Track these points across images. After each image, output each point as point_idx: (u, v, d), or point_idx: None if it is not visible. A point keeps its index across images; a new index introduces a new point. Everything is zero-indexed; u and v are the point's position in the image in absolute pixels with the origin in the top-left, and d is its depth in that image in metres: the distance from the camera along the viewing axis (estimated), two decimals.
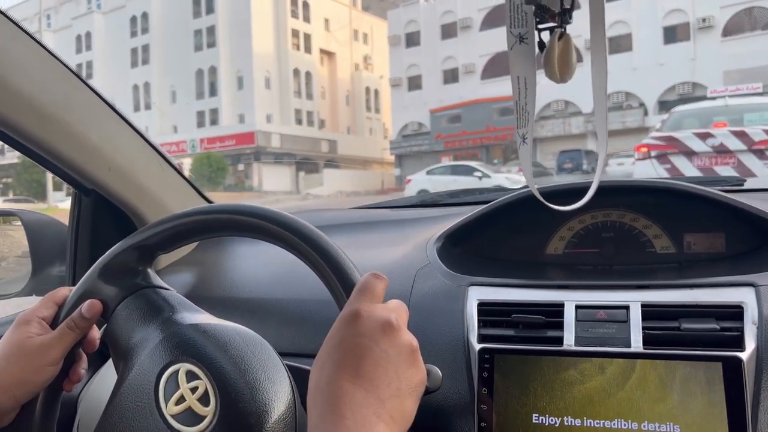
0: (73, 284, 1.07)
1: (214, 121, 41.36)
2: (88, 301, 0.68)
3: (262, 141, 37.46)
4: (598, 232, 1.01)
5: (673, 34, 29.24)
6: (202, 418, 0.59)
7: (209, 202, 1.23)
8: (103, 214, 1.08)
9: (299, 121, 42.87)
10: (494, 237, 1.05)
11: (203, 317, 0.67)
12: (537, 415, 0.76)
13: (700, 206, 0.95)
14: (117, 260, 0.69)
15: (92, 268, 0.69)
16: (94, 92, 0.95)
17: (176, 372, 0.61)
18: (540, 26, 0.62)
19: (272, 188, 35.24)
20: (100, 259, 0.70)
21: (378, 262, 1.03)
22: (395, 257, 1.04)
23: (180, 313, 0.67)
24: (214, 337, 0.63)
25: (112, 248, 0.70)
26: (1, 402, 0.63)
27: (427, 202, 1.51)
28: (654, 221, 0.99)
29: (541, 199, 0.74)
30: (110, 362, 0.86)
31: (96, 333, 0.71)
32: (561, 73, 0.63)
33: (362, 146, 44.64)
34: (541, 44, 0.64)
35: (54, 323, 0.68)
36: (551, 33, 0.63)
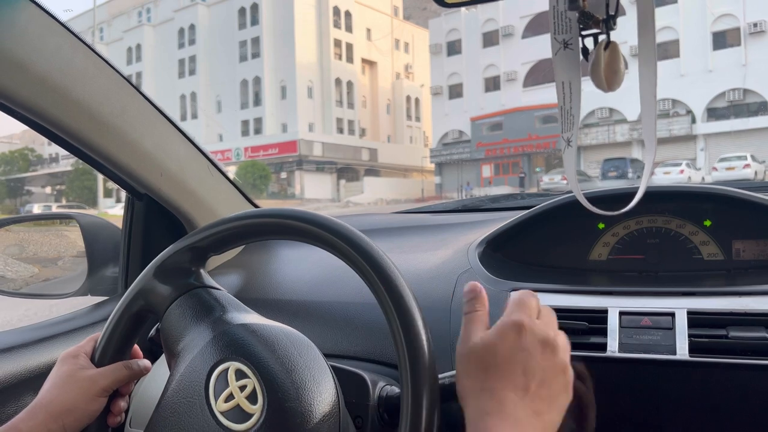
0: (126, 285, 1.10)
1: (257, 130, 42.06)
2: (144, 360, 0.74)
3: (305, 149, 37.90)
4: (643, 239, 0.99)
5: (722, 40, 28.39)
6: (249, 416, 0.60)
7: (256, 206, 1.25)
8: (154, 218, 1.11)
9: (341, 130, 43.20)
10: (536, 243, 1.04)
11: (252, 317, 0.69)
12: (580, 419, 0.75)
13: (749, 212, 0.92)
14: (171, 260, 0.71)
15: (148, 267, 0.72)
16: (148, 101, 0.98)
17: (226, 370, 0.62)
18: (584, 32, 0.62)
19: (314, 196, 35.62)
20: (156, 259, 0.72)
21: (419, 266, 1.03)
22: (436, 262, 1.04)
23: (230, 312, 0.68)
24: (262, 337, 0.64)
25: (166, 249, 0.72)
26: (51, 429, 0.65)
27: (469, 206, 1.50)
28: (701, 228, 0.96)
29: (586, 203, 0.73)
30: (162, 359, 0.88)
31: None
32: (608, 81, 0.62)
33: (402, 154, 44.68)
34: (585, 50, 0.63)
35: (92, 356, 0.72)
36: (595, 40, 0.62)
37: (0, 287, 1.14)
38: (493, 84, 36.39)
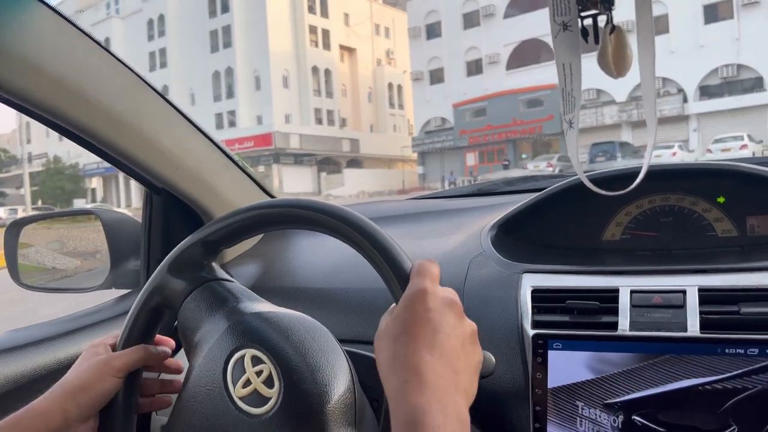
0: (147, 277, 1.10)
1: (232, 123, 40.90)
2: (163, 347, 0.76)
3: (281, 142, 36.67)
4: (656, 217, 1.00)
5: (714, 13, 27.17)
6: (267, 400, 0.63)
7: (271, 195, 1.27)
8: (173, 211, 1.14)
9: (319, 121, 42.01)
10: (550, 224, 1.05)
11: (264, 306, 0.72)
12: (591, 400, 0.77)
13: (763, 188, 0.92)
14: (184, 256, 0.73)
15: (162, 263, 0.74)
16: (162, 97, 1.00)
17: (242, 357, 0.65)
18: (583, 14, 0.63)
19: (293, 189, 34.44)
20: (169, 255, 0.74)
21: (432, 251, 1.05)
22: (449, 246, 1.06)
23: (243, 302, 0.71)
24: (276, 324, 0.67)
25: (179, 245, 0.74)
26: (66, 407, 0.67)
27: (483, 190, 1.53)
28: (714, 204, 0.97)
29: (590, 185, 0.72)
30: (182, 351, 0.88)
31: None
32: (617, 67, 0.63)
33: (386, 144, 43.66)
34: (584, 31, 0.64)
35: (114, 349, 0.74)
36: (595, 21, 0.63)
37: (26, 282, 1.18)
38: (475, 67, 35.26)
